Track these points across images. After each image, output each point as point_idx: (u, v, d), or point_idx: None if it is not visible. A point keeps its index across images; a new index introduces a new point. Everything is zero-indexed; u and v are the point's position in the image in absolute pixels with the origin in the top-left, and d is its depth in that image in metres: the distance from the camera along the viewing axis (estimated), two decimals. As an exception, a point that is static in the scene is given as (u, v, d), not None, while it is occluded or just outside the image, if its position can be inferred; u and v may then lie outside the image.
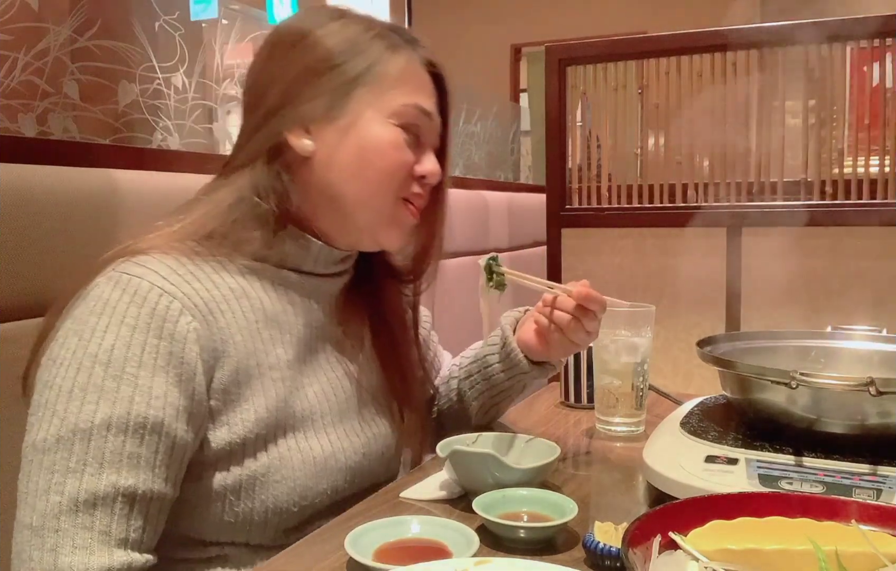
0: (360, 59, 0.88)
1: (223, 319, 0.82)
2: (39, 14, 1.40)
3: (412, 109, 0.90)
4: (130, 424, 0.74)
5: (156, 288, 0.78)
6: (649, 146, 2.15)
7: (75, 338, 0.76)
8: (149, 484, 0.75)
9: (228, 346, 0.81)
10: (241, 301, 0.85)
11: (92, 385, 0.74)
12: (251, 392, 0.83)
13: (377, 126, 0.88)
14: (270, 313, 0.87)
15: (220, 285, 0.83)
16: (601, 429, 1.14)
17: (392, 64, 0.89)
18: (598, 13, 6.50)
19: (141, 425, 0.74)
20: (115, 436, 0.73)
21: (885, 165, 1.89)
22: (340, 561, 0.72)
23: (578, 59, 2.18)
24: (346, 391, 0.94)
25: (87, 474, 0.72)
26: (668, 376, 2.03)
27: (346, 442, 0.91)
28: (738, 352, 1.00)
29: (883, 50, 1.88)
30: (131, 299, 0.77)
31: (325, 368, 0.93)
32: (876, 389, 0.76)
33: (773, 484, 0.78)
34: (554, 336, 1.00)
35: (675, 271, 2.10)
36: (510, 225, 3.27)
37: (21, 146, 1.20)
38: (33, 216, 1.09)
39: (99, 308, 0.77)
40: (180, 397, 0.77)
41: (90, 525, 0.72)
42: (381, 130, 0.88)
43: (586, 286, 0.97)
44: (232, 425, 0.81)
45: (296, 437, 0.86)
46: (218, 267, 0.84)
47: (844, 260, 1.89)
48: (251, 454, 0.82)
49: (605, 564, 0.69)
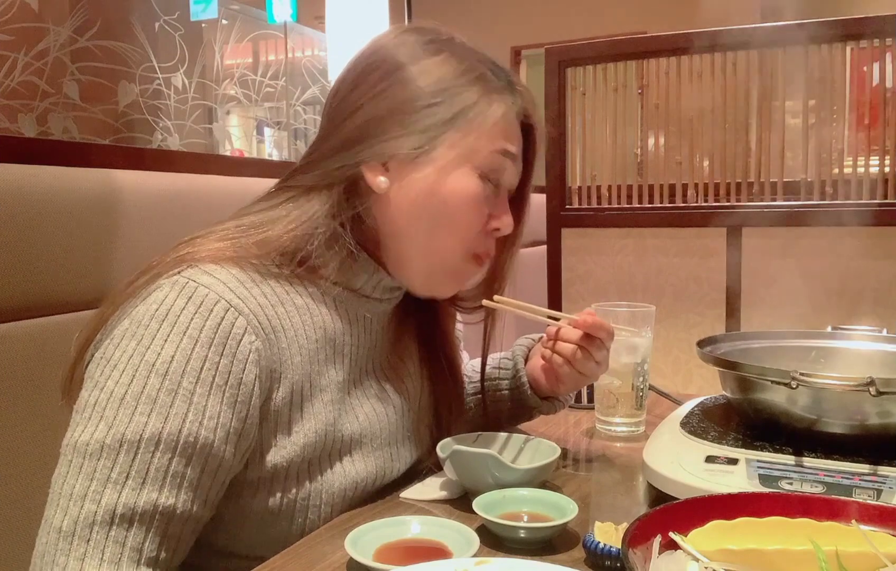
0: (454, 102, 0.83)
1: (285, 338, 0.79)
2: (39, 14, 1.41)
3: (498, 155, 0.85)
4: (180, 443, 0.71)
5: (223, 301, 0.74)
6: (649, 146, 2.15)
7: (133, 342, 0.73)
8: (188, 506, 0.72)
9: (287, 368, 0.79)
10: (305, 318, 0.82)
11: (146, 396, 0.71)
12: (302, 417, 0.80)
13: (463, 177, 0.84)
14: (330, 333, 0.84)
15: (285, 302, 0.81)
16: (601, 429, 1.14)
17: (486, 112, 0.85)
18: (597, 14, 6.50)
19: (191, 445, 0.71)
20: (163, 454, 0.70)
21: (885, 165, 1.89)
22: (340, 561, 0.72)
23: (578, 60, 2.18)
24: (396, 411, 0.92)
25: (127, 487, 0.69)
26: (668, 376, 2.03)
27: (390, 464, 0.90)
28: (738, 352, 1.00)
29: (883, 50, 1.88)
30: (196, 310, 0.73)
31: (377, 388, 0.91)
32: (876, 389, 0.76)
33: (773, 484, 0.78)
34: (563, 370, 0.96)
35: (675, 271, 2.10)
36: (510, 225, 3.27)
37: (21, 146, 1.20)
38: (33, 216, 1.09)
39: (161, 314, 0.73)
40: (233, 419, 0.74)
41: (122, 540, 0.69)
42: (464, 180, 0.84)
43: (592, 315, 0.95)
44: (279, 448, 0.79)
45: (342, 461, 0.84)
46: (285, 284, 0.82)
47: (844, 260, 1.89)
48: (294, 477, 0.80)
49: (605, 564, 0.69)
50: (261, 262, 0.80)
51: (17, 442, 1.07)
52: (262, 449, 0.78)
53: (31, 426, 1.04)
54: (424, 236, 0.85)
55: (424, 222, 0.85)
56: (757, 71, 2.00)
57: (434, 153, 0.83)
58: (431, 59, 0.85)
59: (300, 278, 0.83)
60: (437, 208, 0.84)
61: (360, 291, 0.88)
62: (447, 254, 0.86)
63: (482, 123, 0.84)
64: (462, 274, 0.90)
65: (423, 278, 0.89)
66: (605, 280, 2.18)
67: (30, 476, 1.07)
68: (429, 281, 0.89)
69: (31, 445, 1.05)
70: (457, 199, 0.84)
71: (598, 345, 0.95)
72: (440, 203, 0.84)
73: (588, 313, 0.95)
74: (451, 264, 0.87)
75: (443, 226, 0.84)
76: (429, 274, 0.88)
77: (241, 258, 0.79)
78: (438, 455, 0.88)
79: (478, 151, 0.84)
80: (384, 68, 0.85)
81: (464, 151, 0.84)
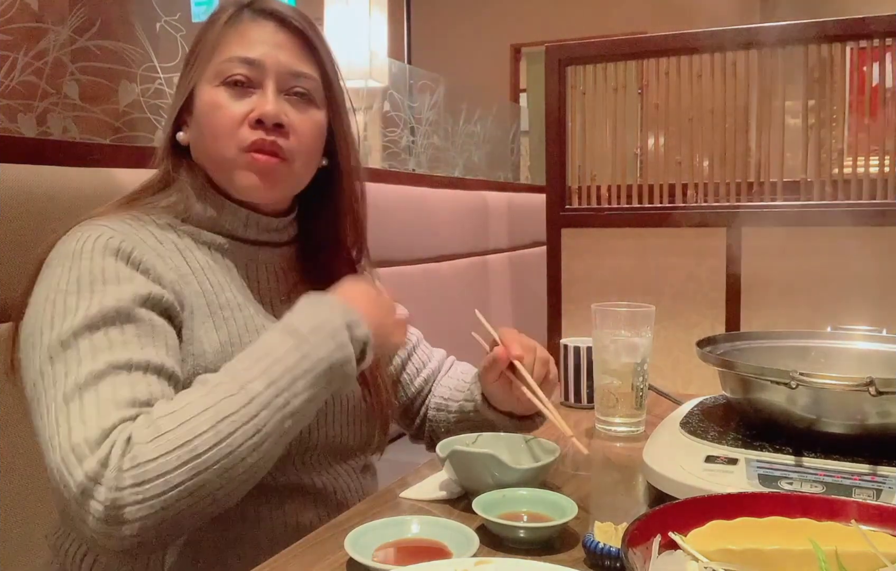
0: (199, 45, 0.96)
1: (169, 265, 0.88)
2: (39, 14, 1.40)
3: (228, 63, 0.93)
4: (106, 317, 0.79)
5: (107, 231, 0.85)
6: (649, 146, 2.15)
7: (44, 287, 0.82)
8: (140, 355, 0.78)
9: (177, 285, 0.87)
10: (185, 254, 0.91)
11: (67, 307, 0.79)
12: (204, 328, 0.88)
13: (204, 94, 0.94)
14: (213, 267, 0.93)
15: (164, 241, 0.90)
16: (601, 429, 1.14)
17: (220, 35, 0.95)
18: (598, 13, 6.49)
19: (115, 316, 0.79)
20: (96, 331, 0.78)
21: (885, 165, 1.89)
22: (340, 561, 0.72)
23: (578, 59, 2.18)
24: None
25: (83, 365, 0.76)
26: (668, 376, 2.03)
27: None
28: (738, 352, 1.00)
29: (883, 50, 1.88)
30: (85, 242, 0.84)
31: None
32: (876, 389, 0.76)
33: (772, 484, 0.78)
34: (520, 391, 0.99)
35: (675, 271, 2.11)
36: (510, 225, 3.27)
37: (21, 146, 1.20)
38: (33, 216, 1.09)
39: (63, 256, 0.84)
40: (148, 291, 0.83)
41: (95, 400, 0.74)
42: (205, 95, 0.94)
43: None
44: (186, 359, 0.85)
45: None
46: (158, 231, 0.91)
47: (844, 260, 1.89)
48: None
49: (605, 564, 0.69)
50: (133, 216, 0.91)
51: (16, 442, 1.07)
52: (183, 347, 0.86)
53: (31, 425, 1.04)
54: (205, 154, 0.95)
55: (202, 144, 0.95)
56: (757, 71, 2.01)
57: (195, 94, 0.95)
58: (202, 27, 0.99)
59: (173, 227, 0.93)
60: (200, 129, 0.95)
61: (236, 235, 0.96)
62: (220, 156, 0.94)
63: (212, 46, 0.95)
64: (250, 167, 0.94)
65: (227, 182, 0.95)
66: (605, 280, 2.18)
67: (30, 475, 1.07)
68: (231, 183, 0.95)
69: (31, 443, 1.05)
70: (203, 112, 0.94)
71: None
72: (200, 124, 0.95)
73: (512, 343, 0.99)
74: (229, 162, 0.94)
75: (206, 137, 0.94)
76: (227, 180, 0.95)
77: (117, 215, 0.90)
78: (438, 455, 0.89)
79: (212, 69, 0.94)
80: None
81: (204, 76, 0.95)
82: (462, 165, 3.67)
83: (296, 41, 0.97)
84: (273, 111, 0.92)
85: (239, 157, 0.93)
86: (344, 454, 0.99)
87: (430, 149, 3.42)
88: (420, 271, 2.42)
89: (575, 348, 1.28)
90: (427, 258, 2.47)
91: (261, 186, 0.94)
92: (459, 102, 3.71)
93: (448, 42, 6.78)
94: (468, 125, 3.75)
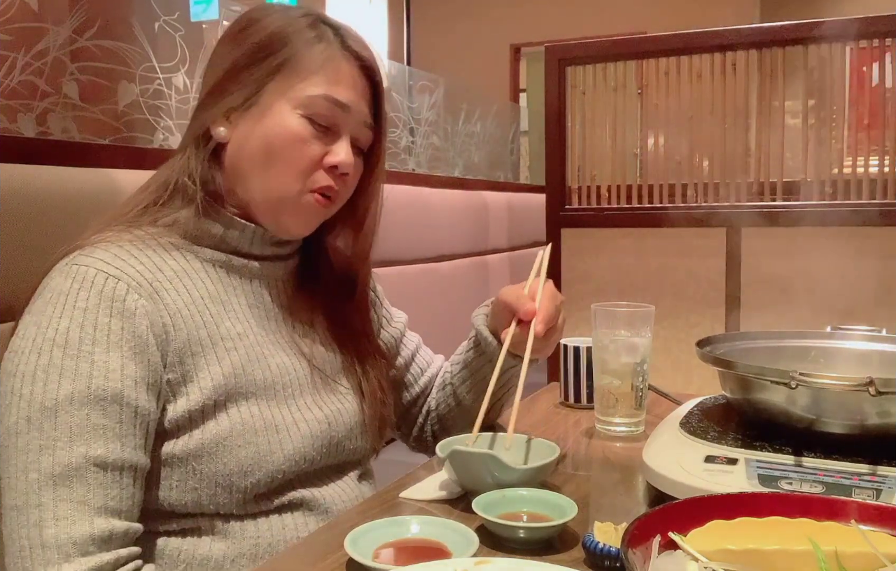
0: (281, 52, 0.91)
1: (168, 297, 0.86)
2: (39, 14, 1.40)
3: (322, 100, 0.91)
4: (91, 397, 0.78)
5: (101, 272, 0.82)
6: (649, 146, 2.15)
7: (34, 327, 0.81)
8: (118, 453, 0.78)
9: (177, 320, 0.85)
10: (185, 281, 0.89)
11: (52, 366, 0.78)
12: (206, 362, 0.86)
13: (284, 117, 0.90)
14: (213, 293, 0.91)
15: (163, 267, 0.88)
16: (601, 429, 1.14)
17: (308, 56, 0.92)
18: (598, 13, 6.49)
19: (101, 397, 0.78)
20: (79, 409, 0.77)
21: (885, 165, 1.89)
22: (340, 561, 0.72)
23: (578, 59, 2.18)
24: (304, 371, 0.96)
25: (58, 448, 0.76)
26: (668, 376, 2.03)
27: (309, 413, 0.93)
28: (738, 352, 1.00)
29: (883, 50, 1.88)
30: (80, 285, 0.81)
31: (284, 346, 0.95)
32: (875, 389, 0.75)
33: (772, 484, 0.78)
34: None
35: (675, 271, 2.10)
36: (510, 225, 3.27)
37: (21, 146, 1.20)
38: (33, 216, 1.09)
39: (53, 298, 0.82)
40: (136, 368, 0.81)
41: (68, 496, 0.75)
42: (286, 120, 0.90)
43: None
44: (190, 394, 0.85)
45: (258, 404, 0.88)
46: (161, 251, 0.89)
47: (844, 260, 1.89)
48: (211, 417, 0.85)
49: (605, 564, 0.69)
50: (135, 236, 0.88)
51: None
52: (175, 398, 0.84)
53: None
54: (260, 175, 0.91)
55: (258, 162, 0.91)
56: (757, 71, 2.01)
57: (262, 100, 0.91)
58: (268, 17, 0.94)
59: (176, 246, 0.90)
60: (264, 147, 0.91)
61: (240, 251, 0.94)
62: (283, 189, 0.91)
63: (302, 66, 0.91)
64: (306, 209, 0.94)
65: (271, 216, 0.93)
66: (605, 280, 2.18)
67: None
68: (276, 218, 0.93)
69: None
70: (277, 134, 0.90)
71: None
72: (266, 142, 0.90)
73: None
74: (290, 198, 0.92)
75: (272, 162, 0.91)
76: (273, 211, 0.93)
77: (119, 236, 0.87)
78: (438, 455, 0.88)
79: (299, 94, 0.91)
80: (231, 32, 0.95)
81: (285, 94, 0.91)
82: (462, 165, 3.67)
83: (370, 92, 0.97)
84: (349, 162, 0.93)
85: (303, 196, 0.92)
86: (344, 469, 0.99)
87: (430, 149, 3.42)
88: (420, 271, 2.42)
89: (575, 347, 1.28)
90: (427, 258, 2.47)
91: (304, 226, 0.95)
92: (459, 103, 3.71)
93: (448, 42, 6.78)
94: (468, 125, 3.75)
